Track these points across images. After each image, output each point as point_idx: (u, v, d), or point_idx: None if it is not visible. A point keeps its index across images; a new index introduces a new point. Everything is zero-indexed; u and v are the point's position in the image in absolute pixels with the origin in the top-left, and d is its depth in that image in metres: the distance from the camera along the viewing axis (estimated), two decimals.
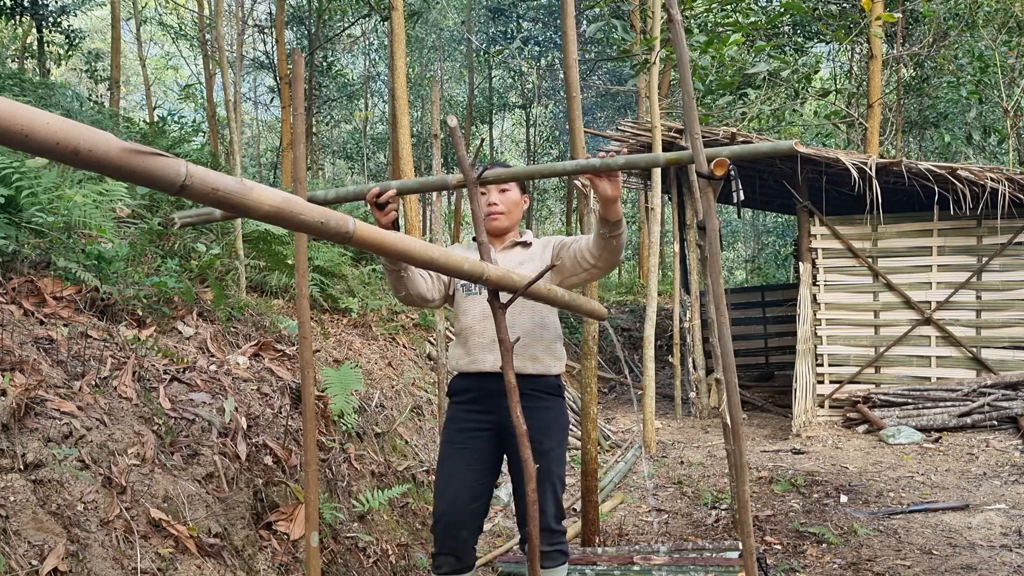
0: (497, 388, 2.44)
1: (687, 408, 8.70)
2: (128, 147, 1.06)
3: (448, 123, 2.27)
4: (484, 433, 2.52)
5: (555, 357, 2.54)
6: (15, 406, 2.26)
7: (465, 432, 2.53)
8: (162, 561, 2.30)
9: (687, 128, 2.21)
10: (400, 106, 6.58)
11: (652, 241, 6.95)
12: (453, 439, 2.54)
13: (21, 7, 10.45)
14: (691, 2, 8.31)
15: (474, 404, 2.53)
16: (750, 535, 2.04)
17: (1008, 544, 4.04)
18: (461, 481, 2.48)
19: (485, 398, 2.51)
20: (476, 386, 2.52)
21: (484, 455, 2.52)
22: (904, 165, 6.91)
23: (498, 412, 2.47)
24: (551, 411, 2.52)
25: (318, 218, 1.41)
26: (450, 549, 2.45)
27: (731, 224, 23.98)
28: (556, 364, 2.54)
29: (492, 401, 2.48)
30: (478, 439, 2.51)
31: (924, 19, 11.15)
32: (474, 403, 2.53)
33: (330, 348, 5.08)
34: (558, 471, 2.51)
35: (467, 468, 2.50)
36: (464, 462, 2.50)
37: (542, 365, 2.50)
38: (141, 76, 21.50)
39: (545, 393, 2.51)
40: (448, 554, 2.46)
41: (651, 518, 4.83)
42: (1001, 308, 7.40)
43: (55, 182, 3.68)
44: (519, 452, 2.43)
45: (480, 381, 2.51)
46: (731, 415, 2.05)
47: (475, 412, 2.53)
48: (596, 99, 17.95)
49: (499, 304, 2.15)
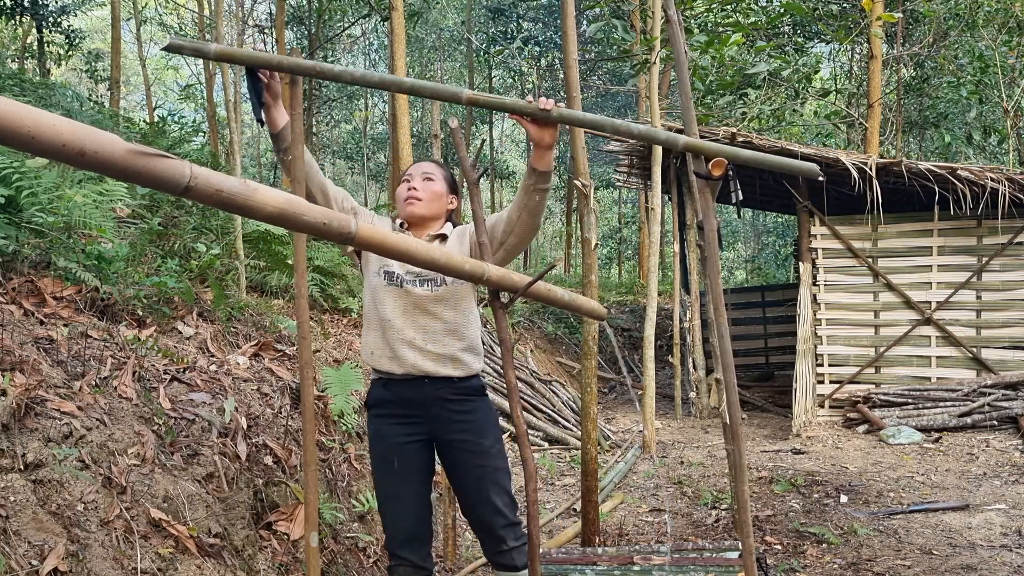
0: (422, 397, 2.41)
1: (687, 408, 8.70)
2: (133, 148, 1.06)
3: (449, 124, 2.27)
4: (414, 444, 2.44)
5: (475, 354, 2.46)
6: (15, 406, 2.26)
7: (395, 448, 2.43)
8: (162, 561, 2.30)
9: (686, 129, 2.22)
10: (400, 106, 6.57)
11: (652, 241, 6.95)
12: (385, 456, 2.44)
13: (21, 7, 10.45)
14: (691, 2, 8.32)
15: (399, 416, 2.44)
16: (750, 535, 2.05)
17: (1008, 544, 4.04)
18: (404, 497, 2.43)
19: (411, 408, 2.43)
20: (399, 396, 2.43)
21: (418, 466, 2.45)
22: (904, 165, 6.91)
23: (427, 422, 2.42)
24: (480, 411, 2.44)
25: (320, 219, 1.42)
26: (408, 561, 2.43)
27: (731, 224, 23.98)
28: (476, 361, 2.46)
29: (418, 411, 2.42)
30: (408, 452, 2.43)
31: (924, 19, 11.16)
32: (399, 415, 2.44)
33: (330, 348, 5.09)
34: (503, 466, 2.46)
35: (406, 483, 2.44)
36: (402, 478, 2.43)
37: (464, 366, 2.42)
38: (141, 76, 21.51)
39: (471, 395, 2.44)
40: (407, 565, 2.43)
41: (655, 518, 4.83)
42: (1001, 308, 7.40)
43: (55, 182, 3.68)
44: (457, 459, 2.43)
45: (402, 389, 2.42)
46: (731, 415, 2.05)
47: (400, 424, 2.44)
48: (596, 99, 17.95)
49: (500, 304, 2.15)
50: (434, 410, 2.42)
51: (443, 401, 2.41)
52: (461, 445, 2.42)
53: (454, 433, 2.42)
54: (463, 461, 2.44)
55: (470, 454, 2.42)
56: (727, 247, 25.08)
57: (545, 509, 4.95)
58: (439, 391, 2.41)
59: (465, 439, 2.42)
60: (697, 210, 2.12)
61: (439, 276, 2.37)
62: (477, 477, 2.42)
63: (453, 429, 2.42)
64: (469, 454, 2.42)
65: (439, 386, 2.41)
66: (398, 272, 2.41)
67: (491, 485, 2.42)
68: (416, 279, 2.40)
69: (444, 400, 2.41)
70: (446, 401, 2.41)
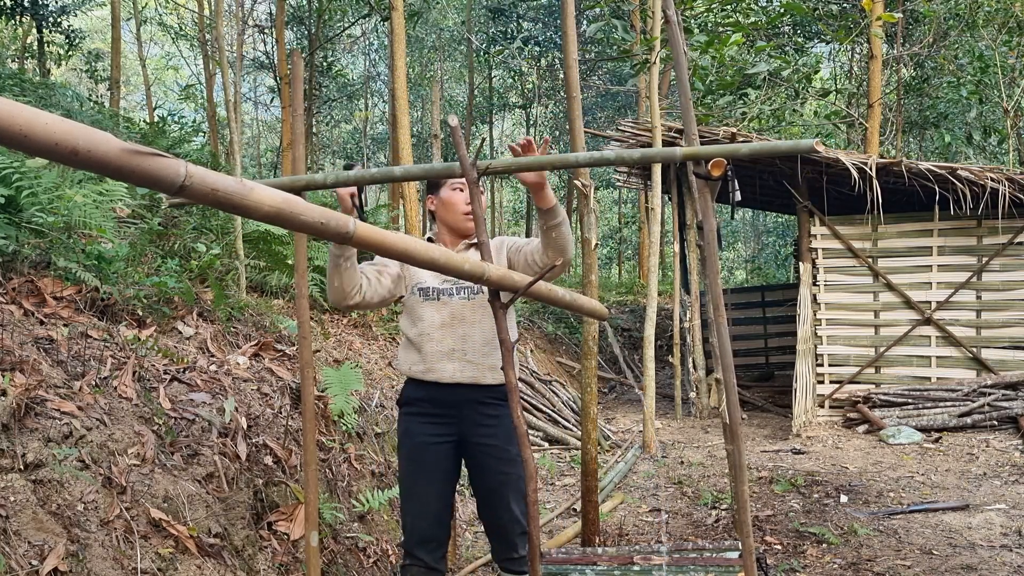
0: (454, 399, 2.43)
1: (687, 408, 8.70)
2: (127, 147, 1.06)
3: (449, 123, 2.27)
4: (443, 446, 2.47)
5: None
6: (15, 406, 2.26)
7: (423, 447, 2.46)
8: (162, 561, 2.30)
9: (686, 130, 2.22)
10: (400, 106, 6.57)
11: (652, 241, 6.94)
12: (412, 455, 2.48)
13: (21, 7, 10.45)
14: (691, 2, 8.32)
15: (430, 415, 2.47)
16: (750, 535, 2.05)
17: (1008, 544, 4.04)
18: (425, 496, 2.46)
19: (442, 409, 2.45)
20: (432, 396, 2.45)
21: (445, 467, 2.48)
22: (904, 165, 6.91)
23: (458, 423, 2.44)
24: (507, 418, 2.45)
25: (318, 219, 1.41)
26: (422, 562, 2.45)
27: (731, 224, 23.97)
28: None
29: (451, 412, 2.45)
30: (436, 452, 2.46)
31: (924, 19, 11.16)
32: (430, 414, 2.47)
33: (330, 348, 5.09)
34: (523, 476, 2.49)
35: (429, 483, 2.46)
36: (426, 478, 2.47)
37: (499, 374, 2.41)
38: (141, 76, 21.50)
39: (502, 401, 2.46)
40: (420, 566, 2.45)
41: (655, 518, 4.83)
42: (1001, 308, 7.40)
43: (55, 182, 3.68)
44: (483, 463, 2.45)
45: (436, 392, 2.44)
46: (731, 415, 2.05)
47: (431, 423, 2.46)
48: (596, 99, 17.94)
49: (500, 304, 2.15)
50: (465, 411, 2.45)
51: (475, 404, 2.44)
52: (488, 450, 2.45)
53: (482, 437, 2.45)
54: (488, 466, 2.46)
55: (496, 460, 2.44)
56: (727, 247, 25.08)
57: (545, 509, 4.95)
58: (473, 395, 2.43)
59: (492, 444, 2.44)
60: (697, 210, 2.12)
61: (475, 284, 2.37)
62: (500, 483, 2.45)
63: (481, 433, 2.44)
64: (495, 460, 2.44)
65: (475, 392, 2.44)
66: (433, 285, 2.44)
67: (513, 492, 2.44)
68: (454, 287, 2.43)
69: (476, 403, 2.44)
70: (478, 404, 2.44)
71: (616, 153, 2.13)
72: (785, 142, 2.12)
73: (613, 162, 2.13)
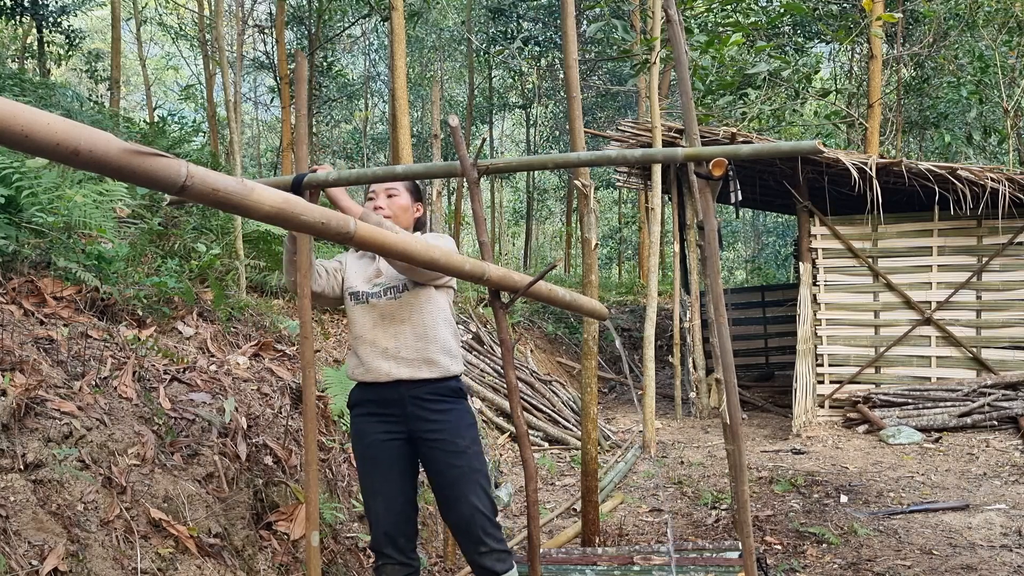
0: (397, 396, 2.45)
1: (687, 408, 8.70)
2: (128, 147, 1.06)
3: (449, 123, 2.27)
4: (395, 442, 2.48)
5: (451, 356, 2.48)
6: (15, 406, 2.26)
7: (376, 445, 2.48)
8: (162, 561, 2.30)
9: (686, 129, 2.22)
10: (400, 106, 6.57)
11: (652, 241, 6.94)
12: (367, 454, 2.49)
13: (21, 7, 10.45)
14: (691, 2, 8.32)
15: (379, 415, 2.48)
16: (750, 535, 2.05)
17: (1008, 544, 4.04)
18: (385, 495, 2.46)
19: (388, 408, 2.47)
20: (376, 396, 2.48)
21: (401, 464, 2.49)
22: (904, 165, 6.90)
23: (405, 420, 2.46)
24: (455, 412, 2.47)
25: (319, 218, 1.41)
26: (392, 559, 2.46)
27: (731, 224, 23.97)
28: (454, 363, 2.49)
29: (395, 410, 2.46)
30: (390, 449, 2.47)
31: (924, 19, 11.16)
32: (378, 414, 2.49)
33: (330, 348, 5.09)
34: (480, 468, 2.47)
35: (388, 480, 2.47)
36: (383, 475, 2.47)
37: (439, 368, 2.45)
38: (141, 76, 21.51)
39: (447, 396, 2.47)
40: (392, 562, 2.46)
41: (655, 518, 4.83)
42: (1001, 308, 7.40)
43: (55, 182, 3.68)
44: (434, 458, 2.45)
45: (379, 391, 2.46)
46: (731, 415, 2.05)
47: (381, 422, 2.48)
48: (596, 99, 17.93)
49: (500, 304, 2.15)
50: (410, 408, 2.46)
51: (418, 400, 2.45)
52: (436, 444, 2.45)
53: (429, 432, 2.45)
54: (439, 460, 2.45)
55: (444, 453, 2.44)
56: (727, 247, 25.08)
57: (545, 509, 4.95)
58: (415, 391, 2.45)
59: (440, 438, 2.44)
60: (697, 210, 2.12)
61: (400, 283, 2.44)
62: (454, 476, 2.43)
63: (428, 428, 2.45)
64: (444, 453, 2.44)
65: (415, 387, 2.45)
66: (362, 289, 2.50)
67: (469, 484, 2.42)
68: (380, 290, 2.47)
69: (420, 399, 2.45)
70: (421, 400, 2.45)
71: (618, 152, 2.13)
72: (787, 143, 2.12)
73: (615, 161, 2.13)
